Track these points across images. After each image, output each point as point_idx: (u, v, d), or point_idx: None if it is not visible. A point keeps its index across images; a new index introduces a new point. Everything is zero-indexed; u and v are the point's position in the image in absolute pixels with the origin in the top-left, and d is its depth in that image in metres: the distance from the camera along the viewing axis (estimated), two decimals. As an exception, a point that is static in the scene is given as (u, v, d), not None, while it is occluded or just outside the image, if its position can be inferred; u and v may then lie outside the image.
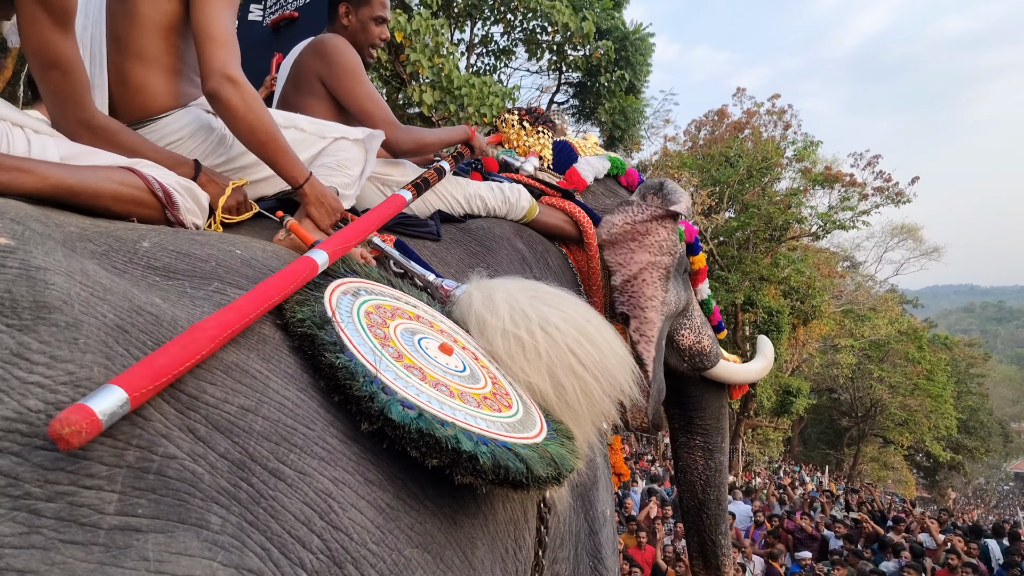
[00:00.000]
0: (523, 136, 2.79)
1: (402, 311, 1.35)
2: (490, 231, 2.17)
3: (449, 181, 2.19)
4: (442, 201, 2.16)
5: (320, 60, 2.08)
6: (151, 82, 1.56)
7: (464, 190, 2.22)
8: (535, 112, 2.86)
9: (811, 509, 10.70)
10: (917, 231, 27.97)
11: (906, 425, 25.83)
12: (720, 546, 3.06)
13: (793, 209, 18.40)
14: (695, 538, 3.11)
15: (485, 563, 1.17)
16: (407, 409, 1.00)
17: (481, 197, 2.25)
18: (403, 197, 1.79)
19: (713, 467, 3.03)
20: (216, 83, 1.46)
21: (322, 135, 1.79)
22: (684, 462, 3.08)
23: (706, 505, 3.05)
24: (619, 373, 1.42)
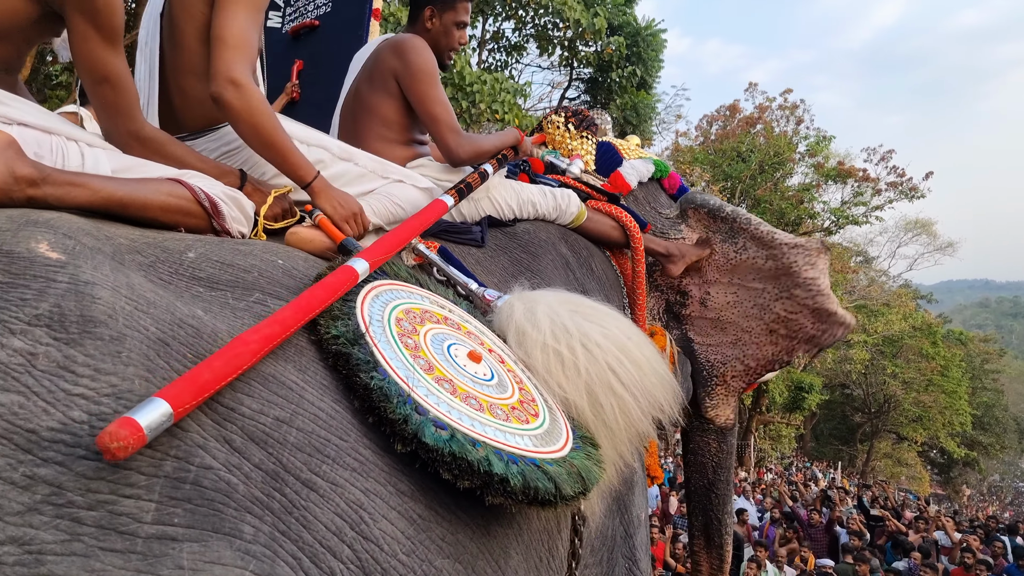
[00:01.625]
0: (568, 138, 2.79)
1: (431, 313, 1.36)
2: (535, 236, 2.17)
3: (503, 186, 2.20)
4: (495, 206, 2.15)
5: (398, 59, 2.09)
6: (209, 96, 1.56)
7: (518, 196, 2.21)
8: (580, 114, 2.85)
9: (823, 505, 10.68)
10: (931, 226, 27.75)
11: (920, 421, 25.70)
12: (724, 525, 3.15)
13: (805, 204, 18.30)
14: (700, 518, 3.18)
15: (519, 573, 1.17)
16: (440, 430, 1.01)
17: (533, 202, 2.25)
18: (445, 203, 1.78)
19: (725, 449, 3.09)
20: (219, 86, 1.46)
21: (382, 174, 1.81)
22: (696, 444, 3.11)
23: (716, 485, 3.12)
24: (659, 392, 1.42)
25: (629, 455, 1.40)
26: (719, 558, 3.17)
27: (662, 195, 3.01)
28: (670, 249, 2.70)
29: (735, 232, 2.69)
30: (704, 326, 2.76)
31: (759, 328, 2.67)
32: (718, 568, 3.19)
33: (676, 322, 2.80)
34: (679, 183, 3.05)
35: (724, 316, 2.72)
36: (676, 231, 2.82)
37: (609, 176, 2.76)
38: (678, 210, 2.84)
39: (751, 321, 2.68)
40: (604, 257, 2.53)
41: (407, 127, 2.17)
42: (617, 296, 2.48)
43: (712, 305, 2.73)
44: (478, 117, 10.78)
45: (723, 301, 2.72)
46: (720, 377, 2.76)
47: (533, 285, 1.85)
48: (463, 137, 2.09)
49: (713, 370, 2.76)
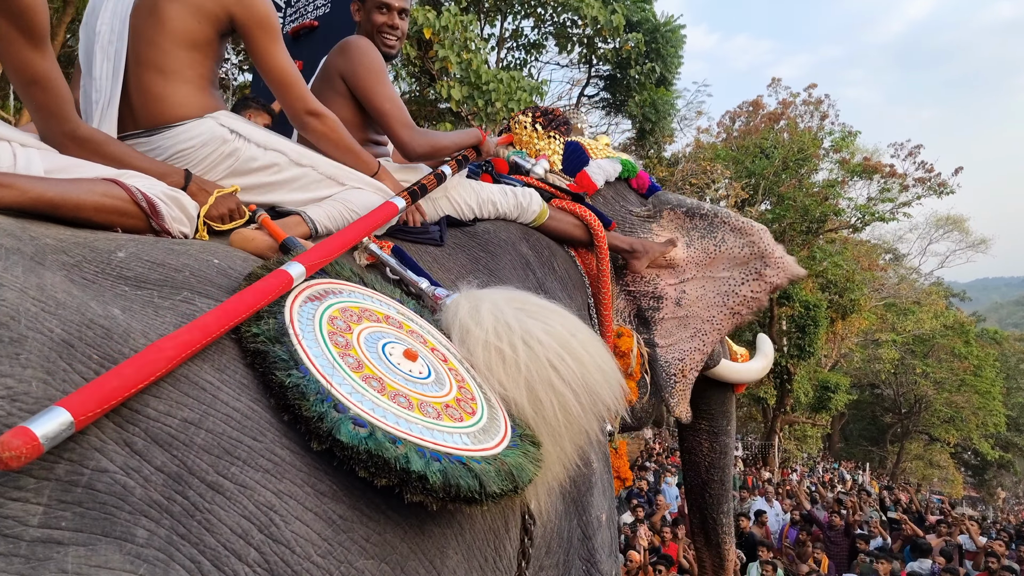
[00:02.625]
0: (535, 138, 2.81)
1: (370, 312, 1.34)
2: (495, 235, 2.16)
3: (462, 186, 2.19)
4: (453, 206, 2.15)
5: (342, 58, 2.11)
6: (169, 93, 1.64)
7: (477, 195, 2.21)
8: (550, 114, 2.86)
9: (841, 507, 10.47)
10: (963, 222, 26.98)
11: (952, 422, 25.06)
12: (721, 524, 3.19)
13: (830, 201, 17.94)
14: (697, 516, 3.25)
15: (458, 573, 1.16)
16: (358, 427, 1.00)
17: (493, 202, 2.25)
18: (395, 205, 1.79)
19: (718, 449, 3.16)
20: (304, 120, 1.78)
21: (340, 180, 1.82)
22: (689, 444, 3.21)
23: (709, 485, 3.17)
24: (602, 389, 1.40)
25: (573, 451, 1.38)
26: (719, 556, 3.24)
27: (631, 194, 3.03)
28: (634, 245, 2.73)
29: (714, 227, 2.77)
30: (671, 327, 2.80)
31: (721, 314, 2.75)
32: (719, 566, 3.26)
33: (644, 327, 2.83)
34: (648, 182, 3.07)
35: (692, 311, 2.78)
36: (645, 230, 2.84)
37: (575, 175, 2.77)
38: (649, 209, 2.87)
39: (713, 310, 2.75)
40: (568, 256, 2.54)
41: (361, 127, 2.16)
42: (581, 295, 2.49)
43: (685, 303, 2.77)
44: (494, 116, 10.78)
45: (694, 296, 2.77)
46: (679, 373, 2.81)
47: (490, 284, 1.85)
48: (417, 132, 2.07)
49: (671, 368, 2.81)
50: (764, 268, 2.71)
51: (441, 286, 1.66)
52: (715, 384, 3.17)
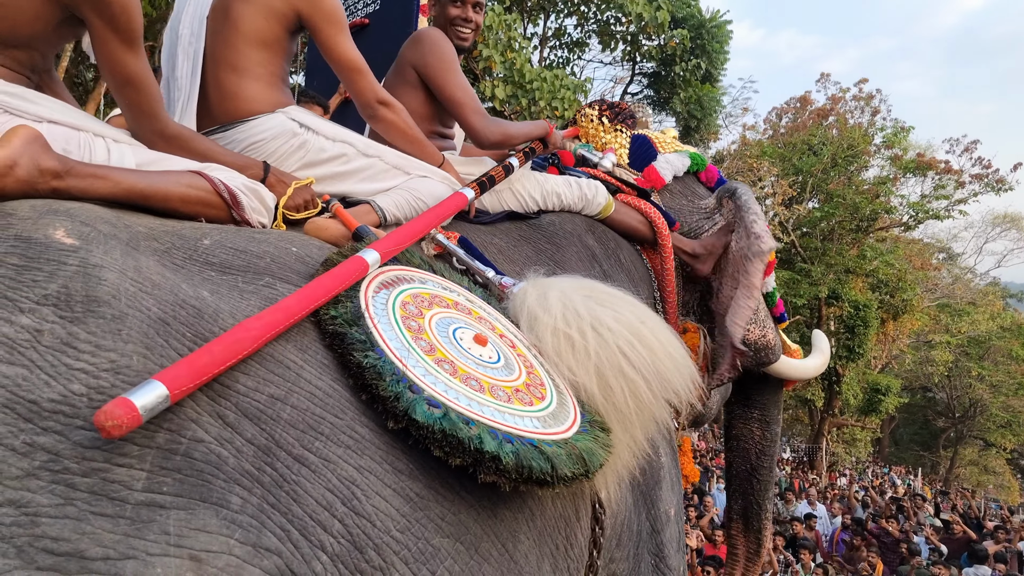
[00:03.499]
0: (601, 132, 2.78)
1: (440, 298, 1.37)
2: (560, 227, 2.16)
3: (526, 178, 2.20)
4: (517, 198, 2.16)
5: (415, 49, 2.15)
6: (242, 89, 1.72)
7: (541, 187, 2.22)
8: (616, 107, 2.84)
9: (899, 513, 10.20)
10: (1021, 220, 25.97)
11: (1009, 427, 24.15)
12: (764, 510, 3.21)
13: (882, 198, 17.47)
14: (740, 501, 3.25)
15: (530, 558, 1.17)
16: (432, 408, 1.02)
17: (558, 193, 2.25)
18: (464, 195, 1.81)
19: (769, 438, 3.18)
20: (373, 108, 1.83)
21: (407, 170, 1.85)
22: (739, 431, 3.23)
23: (758, 471, 3.19)
24: (672, 376, 1.40)
25: (643, 439, 1.38)
26: (756, 542, 3.21)
27: (699, 188, 2.98)
28: (696, 249, 2.70)
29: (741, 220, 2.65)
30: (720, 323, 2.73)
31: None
32: (755, 552, 3.23)
33: (709, 316, 2.79)
34: (717, 176, 3.02)
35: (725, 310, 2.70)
36: (712, 223, 2.81)
37: (643, 170, 2.74)
38: (715, 201, 2.83)
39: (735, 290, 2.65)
40: (634, 251, 2.53)
41: (431, 119, 2.20)
42: (647, 289, 2.47)
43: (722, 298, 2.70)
44: (538, 115, 10.80)
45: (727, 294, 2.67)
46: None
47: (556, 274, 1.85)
48: (489, 120, 2.10)
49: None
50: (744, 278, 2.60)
51: (507, 276, 1.68)
52: (770, 378, 3.16)
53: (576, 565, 1.34)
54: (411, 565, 0.96)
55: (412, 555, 0.96)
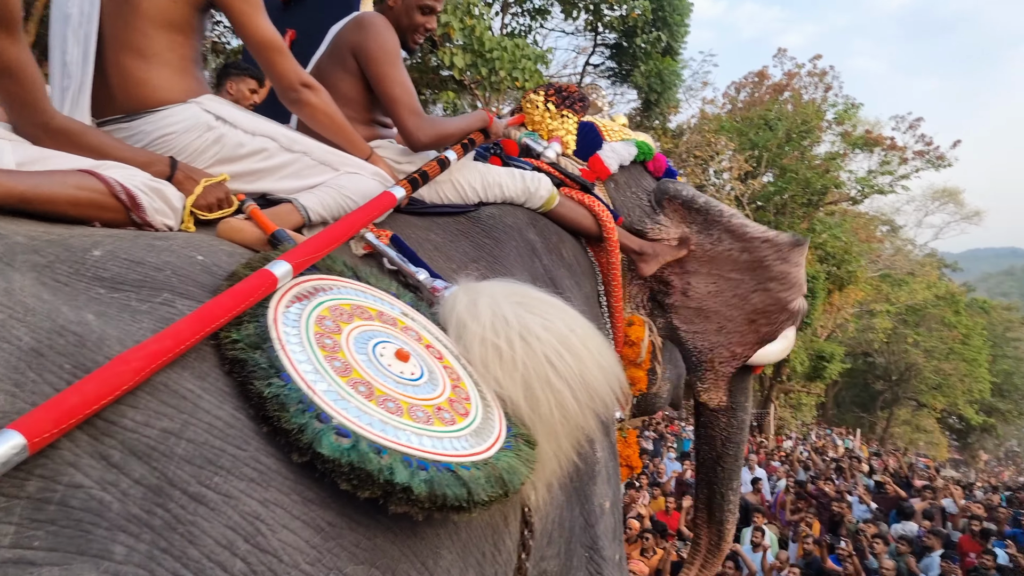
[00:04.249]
0: (547, 119, 2.62)
1: (362, 309, 1.30)
2: (501, 220, 2.07)
3: (467, 168, 2.11)
4: (457, 189, 2.06)
5: (357, 34, 2.03)
6: (150, 76, 1.56)
7: (483, 178, 2.12)
8: (564, 91, 2.68)
9: (838, 474, 11.00)
10: (958, 194, 27.29)
11: (940, 389, 25.85)
12: (728, 501, 3.16)
13: (832, 173, 18.18)
14: (705, 491, 3.20)
15: (452, 572, 1.15)
16: (341, 438, 0.97)
17: (500, 184, 2.15)
18: (393, 195, 1.70)
19: (735, 425, 3.09)
20: (297, 92, 1.70)
21: (335, 165, 1.74)
22: (706, 418, 3.11)
23: (723, 459, 3.11)
24: (600, 385, 1.38)
25: (570, 449, 1.38)
26: (718, 534, 3.22)
27: (646, 179, 2.87)
28: (644, 248, 2.64)
29: (709, 224, 2.66)
30: (688, 314, 2.74)
31: (740, 317, 2.66)
32: (716, 545, 3.24)
33: (661, 310, 2.78)
34: (665, 165, 2.93)
35: (706, 305, 2.71)
36: (654, 220, 2.73)
37: (588, 160, 2.64)
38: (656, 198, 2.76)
39: (733, 310, 2.66)
40: (578, 245, 2.45)
41: (367, 106, 2.08)
42: (590, 283, 2.43)
43: (694, 295, 2.71)
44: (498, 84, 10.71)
45: (704, 291, 2.70)
46: (708, 363, 2.77)
47: (494, 271, 1.85)
48: (424, 120, 1.99)
49: (701, 356, 2.76)
50: (768, 282, 2.60)
51: (441, 277, 1.62)
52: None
53: (504, 569, 1.33)
54: None
55: None
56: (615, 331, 2.52)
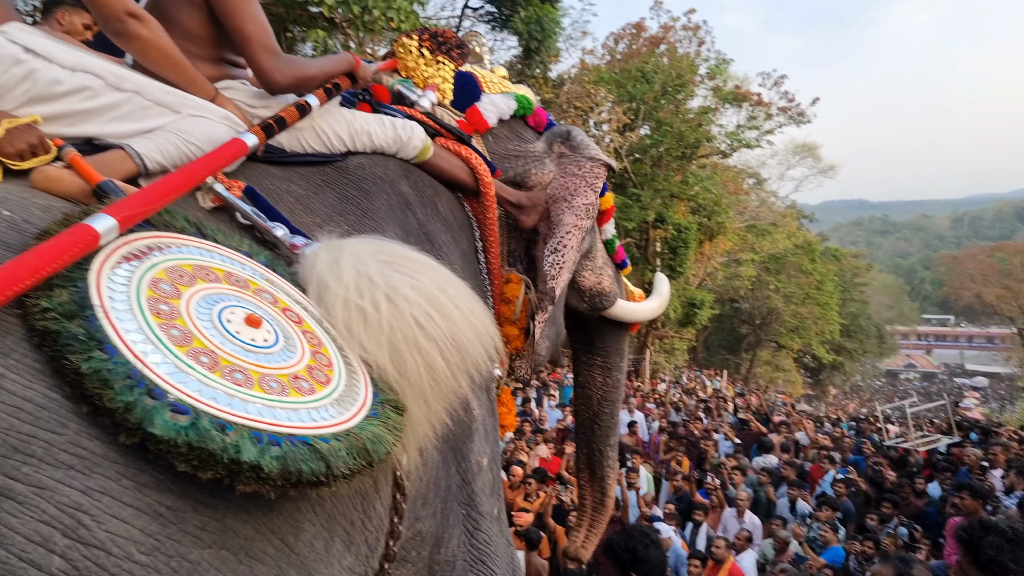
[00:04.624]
0: (422, 65, 2.50)
1: (207, 270, 1.18)
2: (371, 171, 1.95)
3: (332, 114, 1.95)
4: (321, 138, 1.90)
5: None
6: None
7: (350, 126, 1.97)
8: (440, 37, 2.56)
9: (706, 413, 11.62)
10: (816, 149, 29.27)
11: (797, 331, 28.16)
12: (607, 457, 3.19)
13: (704, 127, 18.81)
14: (584, 449, 3.21)
15: (316, 544, 1.10)
16: (178, 415, 0.89)
17: (369, 133, 2.01)
18: (243, 142, 1.55)
19: (611, 384, 3.12)
20: (123, 23, 1.50)
21: (175, 108, 1.55)
22: (583, 378, 3.15)
23: (599, 418, 3.14)
24: (472, 347, 1.34)
25: (442, 412, 1.33)
26: (601, 491, 3.22)
27: (527, 132, 2.77)
28: (522, 200, 2.54)
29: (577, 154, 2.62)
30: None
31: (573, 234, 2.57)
32: (600, 502, 3.24)
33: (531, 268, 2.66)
34: (546, 120, 2.83)
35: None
36: (540, 168, 2.63)
37: (466, 111, 2.51)
38: (545, 145, 2.67)
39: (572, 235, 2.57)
40: (454, 198, 2.35)
41: (215, 43, 1.83)
42: (467, 238, 2.34)
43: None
44: (372, 24, 10.14)
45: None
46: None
47: (363, 225, 1.73)
48: (282, 60, 1.79)
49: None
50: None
51: (301, 233, 1.50)
52: (611, 323, 3.11)
53: (375, 535, 1.31)
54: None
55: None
56: (493, 288, 2.41)
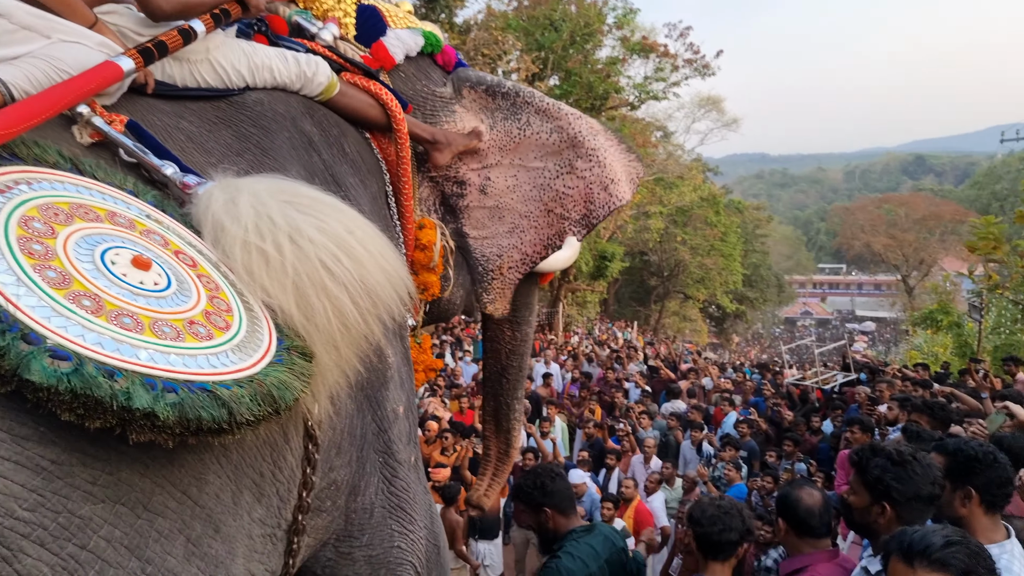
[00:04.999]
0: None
1: (86, 209, 1.10)
2: (271, 108, 1.87)
3: (228, 46, 1.86)
4: (217, 72, 1.80)
5: None
6: None
7: (249, 59, 1.88)
8: None
9: (617, 363, 11.81)
10: (720, 103, 29.95)
11: (702, 282, 29.26)
12: (513, 410, 3.25)
13: (612, 79, 18.76)
14: (492, 403, 3.26)
15: (223, 496, 1.09)
16: (59, 361, 0.83)
17: (270, 67, 1.92)
18: (118, 65, 1.44)
19: (519, 338, 3.15)
20: None
21: (45, 32, 1.41)
22: (492, 332, 3.18)
23: (507, 371, 3.18)
24: (383, 290, 1.31)
25: (353, 358, 1.29)
26: (507, 443, 3.28)
27: (435, 72, 2.71)
28: (436, 136, 2.49)
29: (518, 108, 2.59)
30: (481, 217, 2.64)
31: (538, 210, 2.60)
32: (505, 452, 3.31)
33: (452, 215, 2.65)
34: (455, 58, 2.77)
35: (503, 202, 2.62)
36: (449, 112, 2.61)
37: (371, 46, 2.42)
38: (452, 89, 2.62)
39: (530, 204, 2.60)
40: (361, 138, 2.28)
41: None
42: (377, 182, 2.28)
43: (492, 191, 2.61)
44: None
45: (503, 186, 2.60)
46: (497, 271, 2.69)
47: (262, 165, 1.64)
48: None
49: (489, 264, 2.68)
50: (576, 160, 2.54)
51: (193, 172, 1.42)
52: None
53: (286, 486, 1.28)
54: (49, 545, 0.83)
55: (50, 534, 0.84)
56: (405, 234, 2.33)
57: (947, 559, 1.44)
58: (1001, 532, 2.06)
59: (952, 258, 34.71)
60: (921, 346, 17.34)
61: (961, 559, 1.43)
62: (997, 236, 14.50)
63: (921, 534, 1.51)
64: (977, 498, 2.05)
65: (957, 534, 1.52)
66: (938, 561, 1.44)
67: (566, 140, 2.55)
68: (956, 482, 2.09)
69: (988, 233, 14.44)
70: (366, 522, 1.73)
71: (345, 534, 1.67)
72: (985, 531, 2.00)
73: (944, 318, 16.82)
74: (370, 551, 1.75)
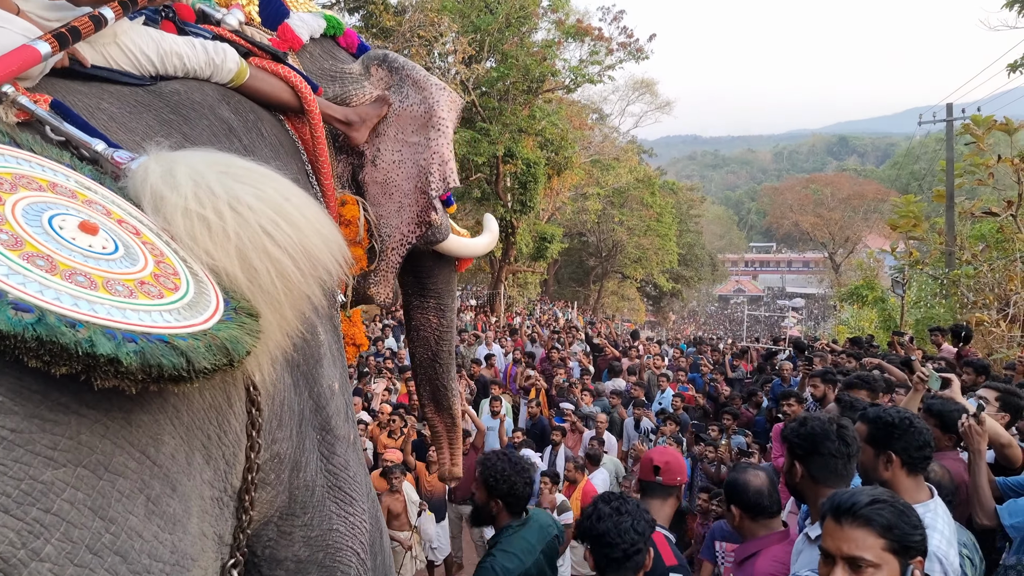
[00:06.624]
0: None
1: (29, 179, 1.12)
2: (187, 97, 1.89)
3: (137, 32, 1.84)
4: (128, 56, 1.80)
5: None
6: None
7: (158, 46, 1.88)
8: None
9: (558, 343, 12.00)
10: (653, 86, 30.47)
11: (639, 262, 29.89)
12: (451, 390, 3.37)
13: (548, 62, 18.79)
14: (427, 387, 3.36)
15: (177, 456, 1.12)
16: (22, 313, 0.85)
17: (179, 55, 1.92)
18: (36, 50, 1.45)
19: (445, 325, 3.25)
20: None
21: None
22: (418, 321, 3.25)
23: (439, 356, 3.28)
24: (321, 253, 1.37)
25: (294, 319, 1.35)
26: (451, 417, 3.44)
27: (341, 53, 2.76)
28: (349, 116, 2.51)
29: (402, 80, 2.62)
30: (376, 194, 2.63)
31: (412, 188, 2.60)
32: (452, 425, 3.47)
33: (359, 193, 2.64)
34: (357, 41, 2.82)
35: (391, 177, 2.62)
36: (359, 88, 2.62)
37: (276, 29, 2.45)
38: (361, 67, 2.67)
39: (409, 182, 2.60)
40: (276, 121, 2.29)
41: None
42: (296, 163, 2.28)
43: (381, 164, 2.62)
44: None
45: (389, 159, 2.61)
46: (383, 253, 2.66)
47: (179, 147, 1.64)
48: None
49: (380, 245, 2.64)
50: (431, 131, 2.57)
51: (123, 148, 1.46)
52: (442, 263, 3.13)
53: (232, 450, 1.34)
54: (13, 512, 0.85)
55: (13, 500, 0.86)
56: (329, 211, 2.33)
57: (871, 515, 1.55)
58: (925, 492, 2.17)
59: (875, 236, 36.46)
60: (848, 320, 18.25)
61: (885, 516, 1.55)
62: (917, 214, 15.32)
63: (850, 494, 1.64)
64: (898, 461, 2.18)
65: (885, 494, 1.64)
66: (863, 517, 1.56)
67: (427, 112, 2.58)
68: (878, 447, 2.23)
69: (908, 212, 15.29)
70: (308, 500, 1.75)
71: (288, 512, 1.69)
72: (909, 492, 2.10)
73: (869, 293, 17.74)
74: (309, 531, 1.75)
